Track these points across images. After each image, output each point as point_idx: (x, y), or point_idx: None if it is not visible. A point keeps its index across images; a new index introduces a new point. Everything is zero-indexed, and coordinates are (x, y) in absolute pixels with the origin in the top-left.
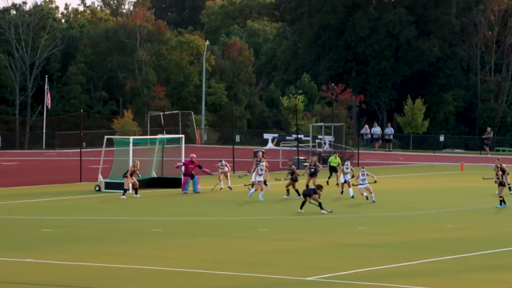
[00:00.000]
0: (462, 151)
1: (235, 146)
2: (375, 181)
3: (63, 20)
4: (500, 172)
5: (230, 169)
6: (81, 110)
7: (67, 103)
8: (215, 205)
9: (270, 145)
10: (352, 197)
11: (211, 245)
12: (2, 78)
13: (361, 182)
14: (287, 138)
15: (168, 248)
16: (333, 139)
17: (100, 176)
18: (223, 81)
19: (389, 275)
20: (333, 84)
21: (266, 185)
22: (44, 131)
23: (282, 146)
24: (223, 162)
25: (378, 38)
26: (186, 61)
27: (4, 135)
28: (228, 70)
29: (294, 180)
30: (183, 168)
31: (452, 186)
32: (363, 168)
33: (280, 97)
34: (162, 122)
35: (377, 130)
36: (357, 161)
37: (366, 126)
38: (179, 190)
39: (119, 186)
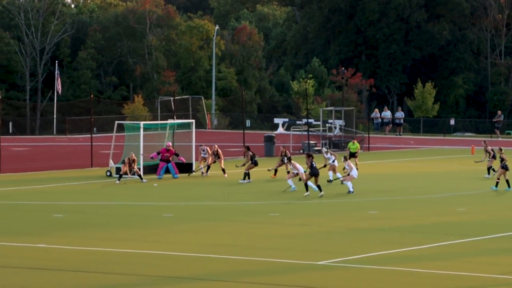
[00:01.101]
0: (472, 134)
1: (245, 131)
2: (324, 165)
3: (72, 5)
4: (504, 155)
5: (211, 155)
6: (91, 96)
7: (78, 88)
8: (224, 190)
9: (280, 130)
10: (329, 181)
11: (222, 230)
12: (13, 64)
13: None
14: (298, 122)
15: (179, 233)
16: (344, 123)
17: (111, 161)
18: (233, 66)
19: (400, 259)
20: (343, 68)
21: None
22: (55, 116)
23: (293, 131)
24: (204, 147)
25: (388, 22)
26: (196, 46)
27: (15, 121)
28: (238, 55)
29: (255, 164)
30: (159, 156)
31: (462, 170)
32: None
33: (290, 82)
34: (173, 107)
35: (387, 114)
36: (367, 145)
37: (376, 110)
38: (192, 175)
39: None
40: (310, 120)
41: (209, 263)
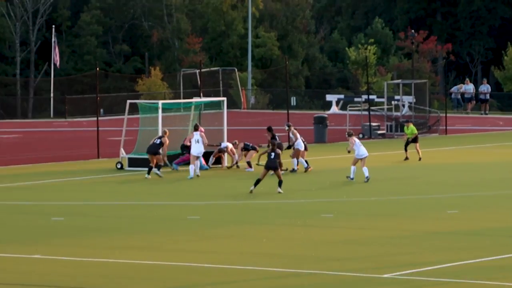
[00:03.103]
0: None
1: (290, 111)
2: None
3: None
4: None
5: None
6: (97, 69)
7: (80, 59)
8: (262, 185)
9: (334, 109)
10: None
11: (261, 235)
12: None
13: None
14: (356, 99)
15: (209, 239)
16: (414, 100)
17: (122, 151)
18: (274, 30)
19: (487, 269)
20: (412, 30)
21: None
22: (51, 95)
23: (350, 110)
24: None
25: None
26: (228, 5)
27: (3, 101)
28: (280, 16)
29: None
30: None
31: None
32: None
33: (346, 49)
34: (198, 82)
35: (469, 87)
36: (444, 127)
37: (461, 85)
38: (219, 167)
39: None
40: (371, 97)
41: (249, 275)
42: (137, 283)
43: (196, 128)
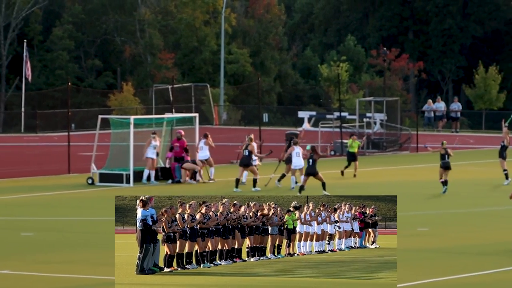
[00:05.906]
0: None
1: (262, 127)
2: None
3: None
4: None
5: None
6: (69, 83)
7: (51, 74)
8: None
9: (306, 126)
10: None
11: None
12: None
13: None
14: (328, 116)
15: None
16: (385, 118)
17: (93, 166)
18: (247, 46)
19: (460, 287)
20: (384, 48)
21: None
22: (22, 109)
23: (322, 127)
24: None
25: None
26: (200, 21)
27: None
28: (253, 32)
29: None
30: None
31: None
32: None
33: (319, 65)
34: (171, 98)
35: (440, 105)
36: (415, 145)
37: (430, 101)
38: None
39: (117, 178)
40: (343, 114)
41: None
42: None
43: (205, 136)
